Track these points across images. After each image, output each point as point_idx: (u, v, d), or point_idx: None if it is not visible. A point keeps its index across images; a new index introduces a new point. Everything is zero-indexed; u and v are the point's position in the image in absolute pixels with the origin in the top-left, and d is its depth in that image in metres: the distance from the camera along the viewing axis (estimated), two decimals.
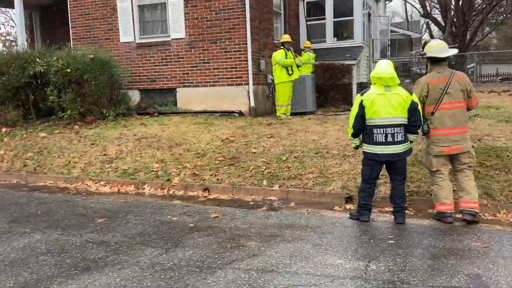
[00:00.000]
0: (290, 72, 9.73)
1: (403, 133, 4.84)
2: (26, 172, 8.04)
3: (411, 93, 4.91)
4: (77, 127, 9.55)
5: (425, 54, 5.21)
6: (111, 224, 5.13)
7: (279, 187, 6.37)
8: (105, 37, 11.35)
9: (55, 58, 9.49)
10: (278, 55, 9.67)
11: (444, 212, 5.01)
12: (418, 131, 5.02)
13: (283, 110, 9.99)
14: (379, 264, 3.81)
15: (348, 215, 5.28)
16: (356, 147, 5.26)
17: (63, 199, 6.48)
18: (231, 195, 6.48)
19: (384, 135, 4.81)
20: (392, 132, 4.81)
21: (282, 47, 9.87)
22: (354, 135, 5.08)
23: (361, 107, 4.87)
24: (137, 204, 6.16)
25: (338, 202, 5.86)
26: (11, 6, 13.79)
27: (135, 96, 11.26)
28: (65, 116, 9.66)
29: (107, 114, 9.88)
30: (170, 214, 5.53)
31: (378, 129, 4.83)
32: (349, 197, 5.88)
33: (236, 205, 5.98)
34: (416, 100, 4.88)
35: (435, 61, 5.12)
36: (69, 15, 11.70)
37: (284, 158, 6.97)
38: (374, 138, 4.86)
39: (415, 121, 4.85)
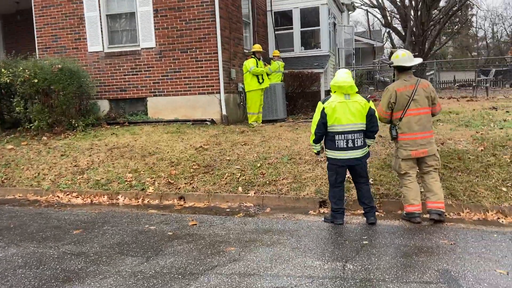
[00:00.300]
0: (261, 80, 9.91)
1: (362, 138, 5.12)
2: None
3: (368, 100, 5.18)
4: (45, 138, 9.34)
5: (392, 63, 5.50)
6: (88, 235, 5.08)
7: (254, 193, 6.48)
8: (73, 47, 11.18)
9: (21, 68, 9.27)
10: (249, 64, 9.84)
11: (413, 213, 5.27)
12: (375, 135, 5.30)
13: (254, 118, 10.14)
14: (356, 263, 3.99)
15: (323, 219, 5.46)
16: (317, 153, 5.49)
17: (35, 212, 6.35)
18: (207, 203, 6.55)
19: (345, 141, 5.06)
20: (353, 138, 5.06)
21: (253, 56, 10.05)
22: (316, 141, 5.32)
23: (323, 114, 5.10)
24: (112, 214, 6.12)
25: (312, 207, 6.04)
26: None
27: (104, 106, 11.12)
28: (32, 127, 9.42)
29: (76, 124, 9.72)
30: (148, 223, 5.54)
31: (340, 135, 5.07)
32: (323, 201, 6.07)
33: (213, 213, 6.05)
34: (373, 107, 5.16)
35: (402, 70, 5.41)
36: (34, 24, 11.45)
37: (259, 165, 7.10)
38: (336, 144, 5.09)
39: (373, 127, 5.14)
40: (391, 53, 5.68)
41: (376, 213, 5.65)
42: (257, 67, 9.82)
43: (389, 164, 6.46)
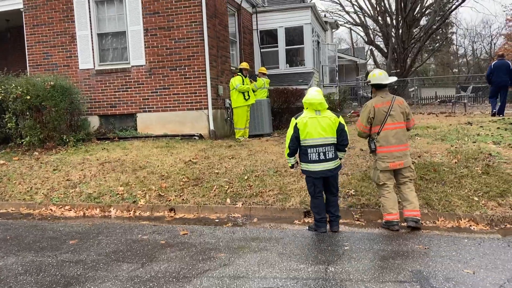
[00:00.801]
0: (247, 97, 10.30)
1: (333, 151, 5.50)
2: None
3: (338, 116, 5.59)
4: (37, 153, 9.52)
5: (369, 81, 5.93)
6: (84, 245, 5.32)
7: (242, 204, 6.79)
8: (64, 64, 11.45)
9: (13, 85, 9.50)
10: (236, 81, 10.23)
11: (391, 221, 5.63)
12: (346, 149, 5.69)
13: (241, 133, 10.49)
14: (337, 266, 4.32)
15: (307, 228, 5.79)
16: (292, 166, 5.86)
17: (30, 224, 6.54)
18: (197, 214, 6.82)
19: (317, 153, 5.45)
20: (324, 150, 5.45)
21: (239, 73, 10.44)
22: (290, 155, 5.71)
23: (296, 129, 5.51)
24: (105, 226, 6.35)
25: (297, 216, 6.36)
26: None
27: (94, 122, 11.37)
28: (24, 143, 9.61)
29: (67, 140, 9.93)
30: (140, 233, 5.79)
31: (312, 149, 5.46)
32: (307, 212, 6.39)
33: (203, 223, 6.33)
34: (343, 122, 5.56)
35: (378, 88, 5.84)
36: (25, 42, 11.70)
37: (246, 177, 7.43)
38: (309, 157, 5.48)
39: (343, 140, 5.54)
40: (367, 73, 6.12)
41: (357, 222, 6.04)
42: (243, 84, 10.21)
43: (369, 176, 6.84)
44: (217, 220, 6.44)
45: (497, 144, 7.74)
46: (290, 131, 5.58)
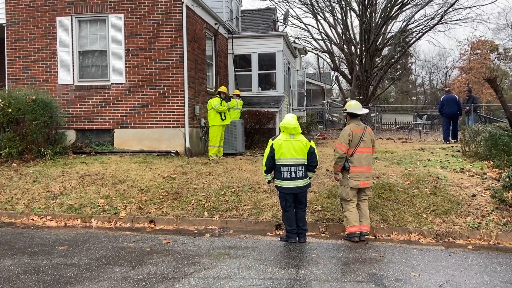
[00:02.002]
0: (223, 117, 10.94)
1: (303, 171, 6.25)
2: None
3: (309, 140, 6.35)
4: (15, 165, 9.75)
5: (346, 110, 6.78)
6: (74, 251, 5.74)
7: (219, 217, 7.38)
8: (43, 79, 11.75)
9: None
10: (214, 102, 10.87)
11: (354, 233, 6.40)
12: (315, 169, 6.43)
13: (214, 151, 11.08)
14: (306, 269, 5.00)
15: (279, 238, 6.47)
16: (268, 182, 6.60)
17: (15, 232, 6.85)
18: (176, 226, 7.34)
19: (289, 172, 6.20)
20: (295, 170, 6.20)
21: (218, 95, 11.11)
22: (267, 172, 6.47)
23: (272, 149, 6.29)
24: (90, 235, 6.76)
25: (270, 229, 7.02)
26: None
27: (71, 136, 11.64)
28: (2, 154, 9.81)
29: (45, 152, 10.20)
30: (126, 242, 6.26)
31: (285, 167, 6.21)
32: (279, 225, 7.07)
33: (182, 234, 6.86)
34: (314, 145, 6.32)
35: (353, 116, 6.68)
36: (5, 56, 11.93)
37: (222, 192, 8.04)
38: (282, 174, 6.23)
39: (312, 162, 6.29)
40: (345, 102, 6.95)
41: (323, 234, 6.78)
42: (220, 105, 10.88)
43: (335, 193, 7.62)
44: (195, 232, 6.99)
45: (444, 169, 8.77)
46: (267, 151, 6.32)
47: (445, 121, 13.98)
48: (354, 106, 6.70)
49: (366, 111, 7.05)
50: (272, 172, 6.42)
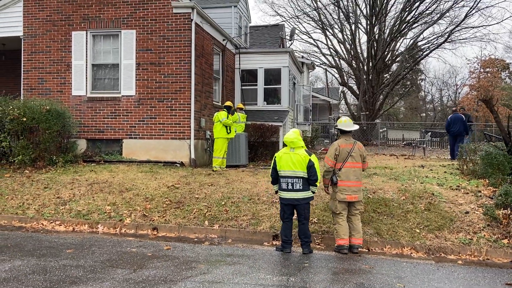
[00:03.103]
0: (229, 131, 11.30)
1: (301, 183, 6.49)
2: None
3: (309, 154, 6.60)
4: (27, 171, 10.19)
5: (337, 125, 7.11)
6: (80, 254, 6.09)
7: (218, 226, 7.69)
8: (57, 90, 12.27)
9: (11, 107, 10.24)
10: (222, 115, 11.24)
11: (342, 245, 6.65)
12: (317, 183, 6.65)
13: (219, 162, 11.43)
14: (297, 277, 5.28)
15: (275, 248, 6.75)
16: (276, 192, 6.89)
17: (25, 236, 7.23)
18: (178, 233, 7.67)
19: (286, 183, 6.51)
20: (292, 182, 6.49)
21: (225, 109, 11.50)
22: (272, 182, 6.86)
23: (274, 161, 6.68)
24: (95, 239, 7.12)
25: (267, 239, 7.31)
26: None
27: (82, 145, 12.11)
28: (16, 161, 10.27)
29: (56, 160, 10.65)
30: (129, 247, 6.60)
31: (283, 179, 6.55)
32: (276, 235, 7.35)
33: (183, 241, 7.18)
34: (314, 160, 6.57)
35: (343, 132, 7.00)
36: (22, 67, 12.50)
37: (223, 203, 8.36)
38: (281, 185, 6.56)
39: (311, 175, 6.53)
40: (338, 118, 7.28)
41: (318, 246, 7.04)
42: (227, 119, 11.23)
43: (328, 205, 7.88)
44: (196, 239, 7.31)
45: (440, 186, 9.00)
46: (272, 163, 6.74)
47: (452, 140, 14.33)
48: (343, 122, 7.02)
49: (355, 127, 7.33)
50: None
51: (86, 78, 12.17)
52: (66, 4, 12.23)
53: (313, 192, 6.69)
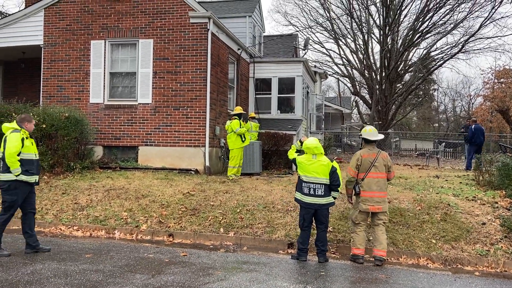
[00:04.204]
0: (243, 139, 11.27)
1: (323, 189, 6.50)
2: None
3: (331, 160, 6.66)
4: (45, 177, 10.38)
5: (361, 135, 7.13)
6: (99, 258, 6.19)
7: (234, 234, 7.74)
8: (75, 97, 12.51)
9: (31, 114, 10.44)
10: (235, 125, 11.15)
11: (358, 255, 6.64)
12: (339, 189, 6.69)
13: (234, 171, 11.46)
14: (314, 285, 5.30)
15: (290, 256, 6.77)
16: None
17: (45, 240, 7.36)
18: (193, 240, 7.73)
19: (308, 188, 6.52)
20: (314, 187, 6.50)
21: (236, 117, 11.42)
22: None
23: (296, 161, 6.71)
24: (113, 245, 7.22)
25: (282, 247, 7.34)
26: None
27: (98, 152, 12.29)
28: None
29: (74, 166, 10.83)
30: (146, 252, 6.68)
31: (305, 183, 6.55)
32: (291, 243, 7.38)
33: (198, 248, 7.24)
34: (336, 166, 6.61)
35: (367, 141, 7.01)
36: (41, 75, 12.78)
37: (238, 210, 8.41)
38: (303, 189, 6.56)
39: (334, 181, 6.57)
40: (362, 127, 7.32)
41: (333, 255, 7.04)
42: (240, 127, 11.21)
43: (346, 216, 7.90)
44: (211, 246, 7.37)
45: (456, 196, 8.94)
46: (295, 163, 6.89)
47: (473, 150, 13.99)
48: (368, 132, 7.01)
49: (380, 137, 7.31)
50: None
51: (104, 86, 12.39)
52: (85, 14, 12.52)
53: (335, 198, 6.70)
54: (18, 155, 6.23)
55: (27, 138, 6.46)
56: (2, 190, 6.33)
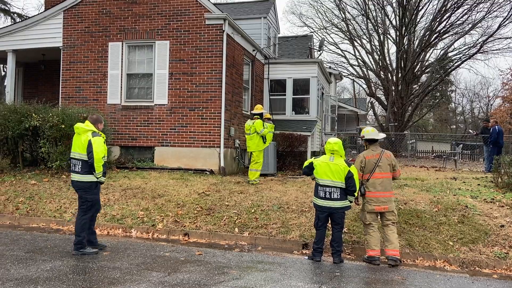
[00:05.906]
0: (264, 140, 11.10)
1: (338, 193, 6.48)
2: (19, 214, 8.91)
3: (349, 165, 6.62)
4: (64, 176, 10.58)
5: (363, 136, 7.10)
6: (116, 256, 6.29)
7: (248, 234, 7.77)
8: (93, 98, 12.73)
9: (51, 114, 10.69)
10: (259, 126, 10.54)
11: (373, 257, 6.61)
12: (355, 193, 6.63)
13: (258, 175, 10.72)
14: (329, 286, 5.29)
15: (307, 257, 6.77)
16: (313, 178, 6.85)
17: (63, 238, 7.51)
18: (208, 240, 7.79)
19: (324, 192, 6.51)
20: (330, 191, 6.49)
21: (258, 117, 10.87)
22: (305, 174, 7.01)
23: (311, 164, 6.68)
24: (130, 243, 7.32)
25: (296, 248, 7.34)
26: (3, 62, 15.01)
27: (115, 152, 12.48)
28: (53, 166, 10.68)
29: None
30: (162, 251, 6.76)
31: (320, 187, 6.55)
32: (305, 244, 7.37)
33: (214, 247, 7.29)
34: (353, 171, 6.55)
35: (370, 142, 6.99)
36: (61, 76, 13.04)
37: (253, 210, 8.44)
38: (318, 193, 6.56)
39: (350, 186, 6.52)
40: (360, 129, 7.31)
41: (348, 256, 7.01)
42: (266, 128, 10.76)
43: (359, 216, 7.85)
44: (226, 246, 7.41)
45: (474, 198, 8.81)
46: (307, 163, 6.82)
47: (496, 152, 13.64)
48: (370, 132, 7.00)
49: (382, 136, 7.31)
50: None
51: (121, 87, 12.57)
52: (103, 16, 12.73)
53: (351, 202, 6.68)
54: (103, 158, 6.51)
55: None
56: (84, 190, 6.52)
